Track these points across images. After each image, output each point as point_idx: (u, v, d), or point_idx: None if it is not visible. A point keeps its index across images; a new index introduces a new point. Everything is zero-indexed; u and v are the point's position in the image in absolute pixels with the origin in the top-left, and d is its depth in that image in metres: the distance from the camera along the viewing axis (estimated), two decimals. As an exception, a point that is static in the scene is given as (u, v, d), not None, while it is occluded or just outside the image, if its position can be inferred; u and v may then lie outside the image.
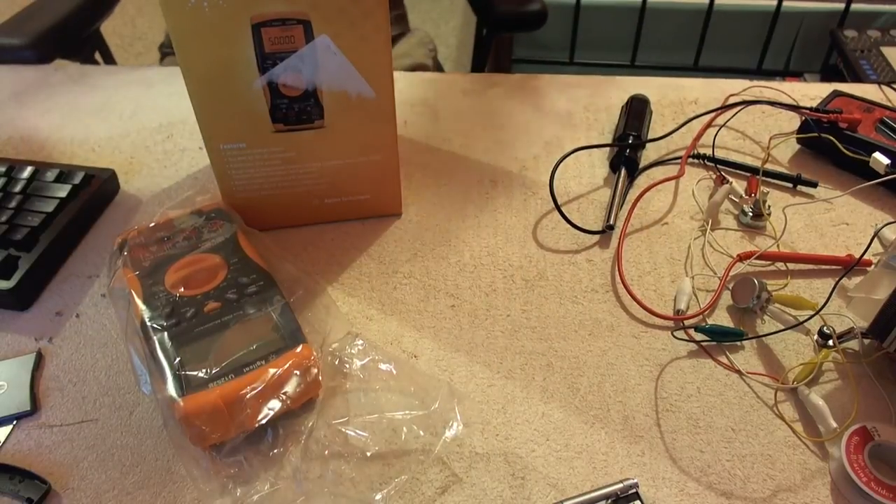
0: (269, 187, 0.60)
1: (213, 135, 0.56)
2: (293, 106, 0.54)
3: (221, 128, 0.55)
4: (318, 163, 0.59)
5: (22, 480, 0.46)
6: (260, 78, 0.52)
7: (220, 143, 0.56)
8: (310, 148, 0.57)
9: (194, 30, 0.50)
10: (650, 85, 0.80)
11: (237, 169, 0.58)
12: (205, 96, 0.53)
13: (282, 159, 0.58)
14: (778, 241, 0.61)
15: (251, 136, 0.56)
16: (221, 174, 0.58)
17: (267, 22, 0.50)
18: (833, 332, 0.52)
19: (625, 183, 0.66)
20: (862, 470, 0.45)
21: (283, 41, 0.51)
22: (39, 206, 0.61)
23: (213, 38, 0.50)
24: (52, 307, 0.57)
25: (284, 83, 0.53)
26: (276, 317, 0.49)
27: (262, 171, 0.58)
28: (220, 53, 0.51)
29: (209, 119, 0.55)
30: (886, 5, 1.44)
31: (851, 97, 0.71)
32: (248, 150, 0.57)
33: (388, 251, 0.61)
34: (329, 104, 0.55)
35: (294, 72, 0.52)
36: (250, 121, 0.55)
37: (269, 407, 0.45)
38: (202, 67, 0.52)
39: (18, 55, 0.91)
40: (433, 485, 0.46)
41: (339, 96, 0.54)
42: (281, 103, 0.54)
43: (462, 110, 0.77)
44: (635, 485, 0.44)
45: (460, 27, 2.39)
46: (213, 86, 0.53)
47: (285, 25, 0.50)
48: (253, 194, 0.60)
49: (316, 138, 0.57)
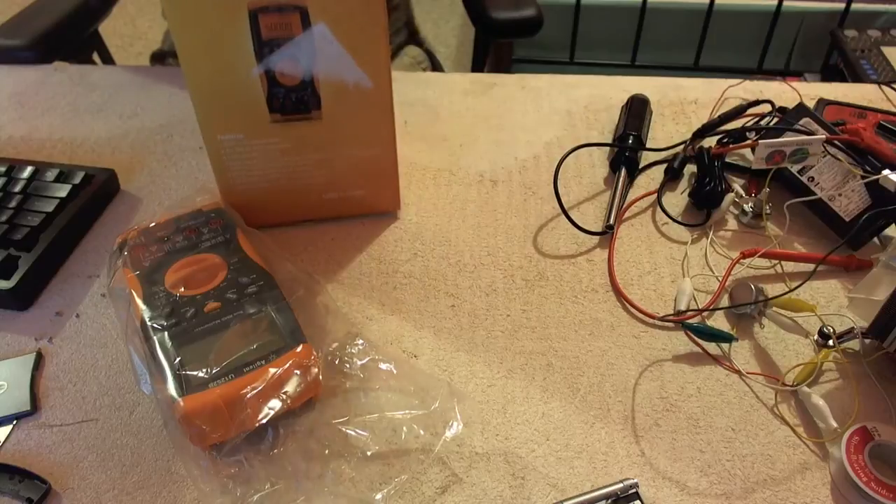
0: (267, 181, 0.60)
1: (212, 126, 0.56)
2: (290, 95, 0.54)
3: (219, 118, 0.55)
4: (315, 155, 0.58)
5: (22, 480, 0.46)
6: (257, 66, 0.53)
7: (217, 133, 0.56)
8: (307, 140, 0.57)
9: (193, 16, 0.50)
10: (650, 85, 0.80)
11: (235, 161, 0.58)
12: (203, 85, 0.53)
13: (279, 151, 0.58)
14: (778, 241, 0.61)
15: (249, 127, 0.56)
16: (219, 167, 0.58)
17: (264, 8, 0.50)
18: (833, 332, 0.52)
19: (625, 183, 0.66)
20: (862, 470, 0.45)
21: (280, 28, 0.51)
22: (39, 206, 0.61)
23: (210, 25, 0.50)
24: (52, 307, 0.57)
25: (282, 71, 0.53)
26: (276, 316, 0.49)
27: (260, 164, 0.58)
28: (219, 41, 0.51)
29: (207, 109, 0.55)
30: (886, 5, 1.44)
31: (840, 104, 0.71)
32: (245, 142, 0.57)
33: (388, 251, 0.61)
34: (326, 94, 0.55)
35: (291, 60, 0.52)
36: (248, 110, 0.55)
37: (269, 407, 0.45)
38: (200, 55, 0.52)
39: (18, 56, 0.91)
40: (433, 484, 0.46)
41: (337, 86, 0.54)
42: (278, 92, 0.54)
43: (462, 110, 0.77)
44: (635, 485, 0.44)
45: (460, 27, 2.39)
46: (212, 75, 0.53)
47: (282, 12, 0.50)
48: (251, 188, 0.60)
49: (313, 130, 0.57)
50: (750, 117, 0.71)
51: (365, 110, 0.56)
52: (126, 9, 2.50)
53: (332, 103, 0.55)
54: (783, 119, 0.67)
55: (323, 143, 0.58)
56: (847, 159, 0.60)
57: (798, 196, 0.62)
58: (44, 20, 0.98)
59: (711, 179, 0.63)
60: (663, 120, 0.75)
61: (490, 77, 0.82)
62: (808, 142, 0.59)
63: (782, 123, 0.66)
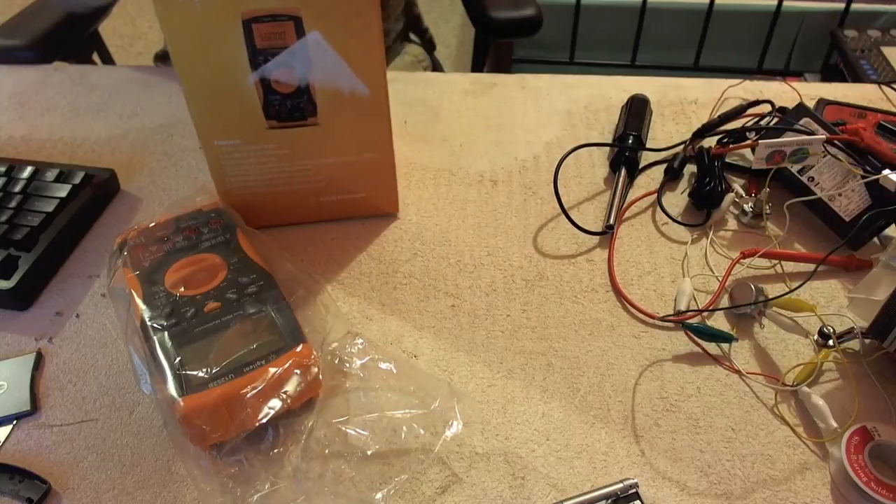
0: (265, 185, 0.60)
1: (208, 131, 0.56)
2: (286, 102, 0.54)
3: (216, 124, 0.55)
4: (312, 160, 0.58)
5: (22, 480, 0.46)
6: (252, 74, 0.53)
7: (214, 139, 0.56)
8: (304, 145, 0.57)
9: (187, 26, 0.50)
10: (650, 85, 0.80)
11: (232, 166, 0.58)
12: (199, 93, 0.53)
13: (276, 156, 0.58)
14: (778, 241, 0.61)
15: (245, 133, 0.56)
16: (217, 171, 0.58)
17: (258, 18, 0.50)
18: (833, 332, 0.52)
19: (625, 183, 0.66)
20: (862, 470, 0.45)
21: (274, 37, 0.51)
22: (39, 206, 0.61)
23: (205, 34, 0.50)
24: (52, 307, 0.57)
25: (277, 79, 0.53)
26: (276, 316, 0.49)
27: (257, 169, 0.58)
28: (213, 49, 0.51)
29: (203, 115, 0.55)
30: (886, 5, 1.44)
31: (840, 104, 0.71)
32: (242, 147, 0.57)
33: (388, 251, 0.61)
34: (322, 101, 0.55)
35: (286, 68, 0.52)
36: (244, 117, 0.55)
37: (269, 406, 0.45)
38: (196, 64, 0.52)
39: (17, 56, 0.91)
40: (433, 484, 0.46)
41: (332, 93, 0.54)
42: (274, 99, 0.54)
43: (462, 110, 0.77)
44: (635, 485, 0.44)
45: (460, 27, 2.39)
46: (207, 82, 0.53)
47: (276, 21, 0.50)
48: (248, 192, 0.60)
49: (310, 135, 0.57)
50: (750, 117, 0.71)
51: (361, 116, 0.56)
52: (126, 9, 2.50)
53: (328, 110, 0.55)
54: (783, 119, 0.67)
55: (320, 148, 0.58)
56: (847, 159, 0.60)
57: (798, 196, 0.62)
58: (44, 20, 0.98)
59: (711, 179, 0.63)
60: (663, 120, 0.75)
61: (490, 77, 0.82)
62: (808, 142, 0.59)
63: (782, 123, 0.66)
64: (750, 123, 0.70)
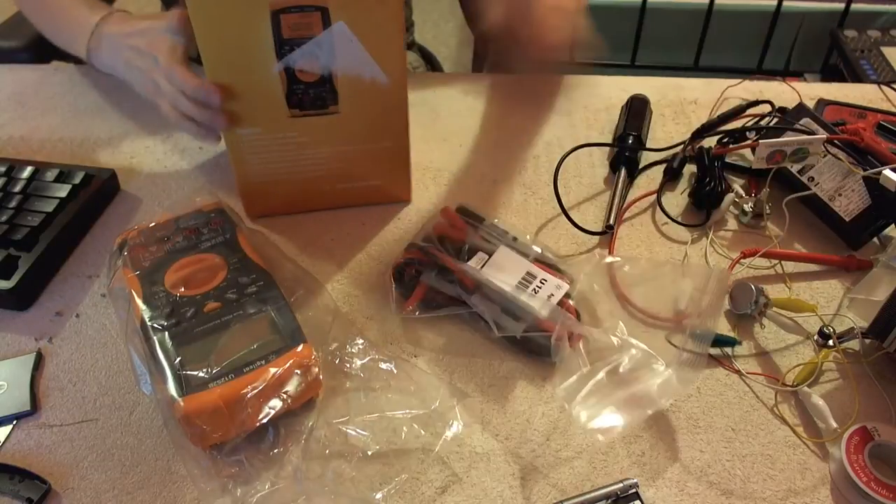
0: (283, 172, 0.60)
1: (230, 120, 0.56)
2: (309, 91, 0.55)
3: (238, 113, 0.56)
4: (330, 148, 0.59)
5: (22, 480, 0.46)
6: (277, 63, 0.53)
7: (236, 127, 0.57)
8: (323, 133, 0.58)
9: (215, 16, 0.51)
10: (650, 85, 0.80)
11: (252, 154, 0.59)
12: (223, 81, 0.54)
13: (296, 144, 0.59)
14: (778, 241, 0.61)
15: (267, 121, 0.57)
16: (237, 159, 0.59)
17: (286, 8, 0.51)
18: (833, 333, 0.52)
19: (625, 183, 0.66)
20: (862, 470, 0.45)
21: (301, 27, 0.52)
22: (39, 206, 0.61)
23: (232, 24, 0.51)
24: (52, 307, 0.57)
25: (301, 69, 0.54)
26: (276, 316, 0.49)
27: (277, 156, 0.59)
28: (239, 39, 0.52)
29: (226, 104, 0.55)
30: (886, 5, 1.44)
31: (840, 104, 0.71)
32: (263, 135, 0.58)
33: (388, 251, 0.61)
34: (344, 90, 0.56)
35: (311, 58, 0.53)
36: (266, 106, 0.56)
37: (269, 406, 0.45)
38: (221, 53, 0.53)
39: (16, 57, 0.91)
40: (433, 484, 0.46)
41: (354, 82, 0.55)
42: (297, 88, 0.55)
43: (462, 110, 0.77)
44: (635, 485, 0.44)
45: (460, 27, 2.39)
46: (231, 71, 0.54)
47: (304, 12, 0.51)
48: (266, 179, 0.61)
49: (330, 123, 0.58)
50: (750, 117, 0.71)
51: (381, 104, 0.57)
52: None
53: (349, 98, 0.56)
54: (783, 119, 0.67)
55: (339, 136, 0.59)
56: (847, 159, 0.60)
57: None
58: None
59: (711, 179, 0.63)
60: (663, 120, 0.75)
61: (490, 77, 0.82)
62: (808, 141, 0.59)
63: (782, 123, 0.66)
64: (750, 123, 0.70)
